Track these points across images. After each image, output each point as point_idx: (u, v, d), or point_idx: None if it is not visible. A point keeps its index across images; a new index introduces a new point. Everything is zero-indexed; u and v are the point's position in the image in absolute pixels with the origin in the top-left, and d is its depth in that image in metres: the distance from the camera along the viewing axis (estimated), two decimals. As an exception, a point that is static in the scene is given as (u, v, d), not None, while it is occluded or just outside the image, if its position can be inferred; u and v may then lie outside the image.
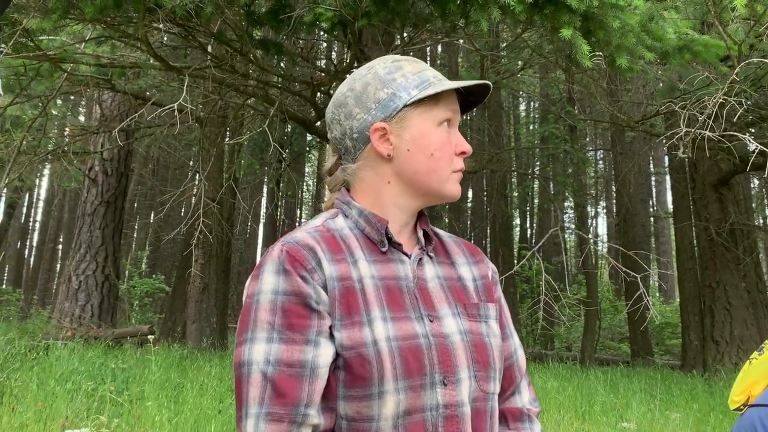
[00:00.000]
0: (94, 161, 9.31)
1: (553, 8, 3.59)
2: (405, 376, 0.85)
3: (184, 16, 4.08)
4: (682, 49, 4.45)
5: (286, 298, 0.85)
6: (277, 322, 0.84)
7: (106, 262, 9.24)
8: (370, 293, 0.89)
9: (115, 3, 3.75)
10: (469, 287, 1.01)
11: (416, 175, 0.95)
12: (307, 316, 0.85)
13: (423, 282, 0.95)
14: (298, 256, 0.87)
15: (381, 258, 0.94)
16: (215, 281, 8.38)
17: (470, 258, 1.06)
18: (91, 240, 9.23)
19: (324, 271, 0.88)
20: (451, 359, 0.90)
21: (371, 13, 3.80)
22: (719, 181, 7.53)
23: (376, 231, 0.95)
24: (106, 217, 9.34)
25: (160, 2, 3.87)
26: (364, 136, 0.96)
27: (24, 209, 24.52)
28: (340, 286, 0.88)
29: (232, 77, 4.81)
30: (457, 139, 0.99)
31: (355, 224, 0.96)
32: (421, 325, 0.90)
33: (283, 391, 0.81)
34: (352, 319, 0.86)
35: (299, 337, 0.84)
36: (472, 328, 0.95)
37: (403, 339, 0.87)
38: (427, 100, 0.96)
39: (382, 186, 0.97)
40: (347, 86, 0.99)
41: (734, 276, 7.31)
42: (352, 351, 0.85)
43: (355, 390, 0.85)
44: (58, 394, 3.81)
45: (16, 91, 5.68)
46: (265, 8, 4.27)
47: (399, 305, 0.90)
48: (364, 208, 0.96)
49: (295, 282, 0.86)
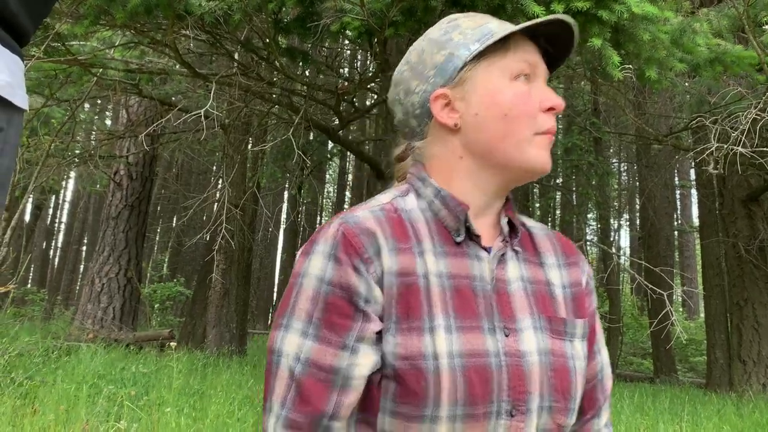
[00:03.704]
0: (120, 165, 9.44)
1: (583, 19, 3.55)
2: (465, 402, 0.72)
3: (213, 23, 4.12)
4: (714, 61, 4.37)
5: (331, 290, 0.74)
6: (316, 316, 0.74)
7: (128, 265, 9.34)
8: (435, 294, 0.75)
9: (145, 9, 3.79)
10: (557, 296, 0.84)
11: (489, 144, 0.80)
12: (350, 316, 0.74)
13: (503, 284, 0.80)
14: (355, 241, 0.75)
15: (454, 250, 0.79)
16: (236, 287, 8.41)
17: (562, 258, 0.89)
18: (115, 243, 9.34)
19: (383, 263, 0.75)
20: (524, 385, 0.76)
21: (398, 23, 3.79)
22: (749, 197, 7.37)
23: (454, 217, 0.80)
24: (129, 221, 9.44)
25: (190, 9, 3.91)
26: (426, 109, 0.83)
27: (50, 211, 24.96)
28: (399, 283, 0.75)
29: (257, 85, 4.83)
30: (541, 93, 0.81)
31: (428, 206, 0.82)
32: (494, 339, 0.76)
33: (308, 398, 0.72)
34: (411, 324, 0.73)
35: (336, 339, 0.73)
36: (555, 347, 0.80)
37: (469, 356, 0.74)
38: (492, 52, 0.80)
39: (454, 163, 0.83)
40: (403, 62, 0.88)
41: (763, 294, 7.14)
42: (407, 362, 0.72)
43: (406, 407, 0.72)
44: (80, 397, 3.83)
45: (46, 93, 5.78)
46: (293, 16, 4.29)
47: (469, 312, 0.76)
48: (441, 188, 0.82)
49: (345, 273, 0.74)
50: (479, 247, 0.80)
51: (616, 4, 3.45)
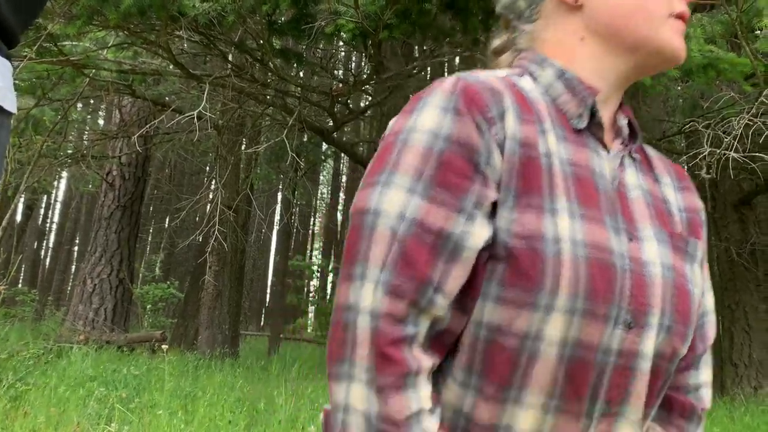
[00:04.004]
0: (112, 165, 9.39)
1: (577, 24, 3.56)
2: (587, 296, 0.62)
3: (206, 24, 4.10)
4: (707, 66, 4.39)
5: (448, 146, 0.63)
6: (427, 173, 0.62)
7: (120, 266, 9.29)
8: (557, 175, 0.65)
9: (138, 10, 3.78)
10: (674, 215, 0.74)
11: (618, 20, 0.70)
12: (469, 176, 0.63)
13: (623, 188, 0.70)
14: (478, 97, 0.65)
15: (574, 138, 0.69)
16: (229, 288, 8.38)
17: (676, 181, 0.79)
18: (107, 244, 9.29)
19: (506, 127, 0.65)
20: (646, 297, 0.65)
21: (393, 25, 3.79)
22: (740, 201, 7.42)
23: (579, 101, 0.70)
24: (122, 222, 9.39)
25: (183, 10, 3.89)
26: None
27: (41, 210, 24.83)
28: (521, 153, 0.65)
29: (251, 86, 4.82)
30: None
31: (545, 90, 0.72)
32: (618, 240, 0.65)
33: (413, 260, 0.61)
34: (530, 201, 0.63)
35: (451, 200, 0.62)
36: (676, 265, 0.69)
37: (593, 248, 0.63)
38: None
39: (574, 45, 0.73)
40: None
41: (754, 297, 7.18)
42: (524, 242, 0.62)
43: (515, 291, 0.62)
44: (71, 399, 3.81)
45: (38, 94, 5.74)
46: (287, 18, 4.28)
47: (592, 204, 0.66)
48: (565, 69, 0.72)
49: (466, 128, 0.63)
50: (599, 144, 0.71)
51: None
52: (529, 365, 0.62)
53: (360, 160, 7.53)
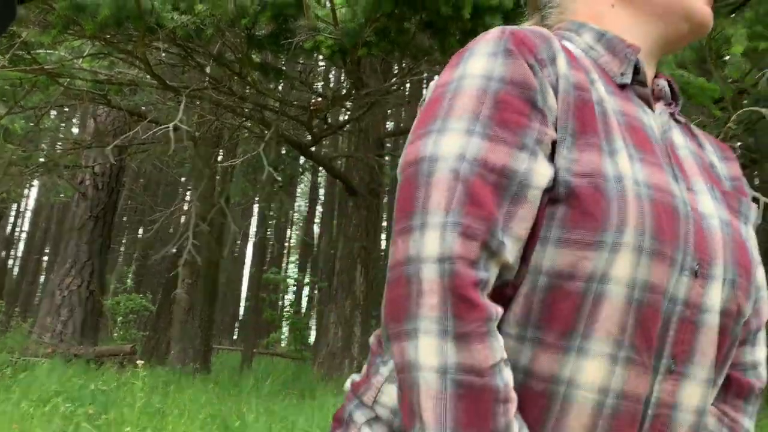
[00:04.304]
0: (85, 175, 9.24)
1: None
2: (654, 235, 0.58)
3: (185, 36, 4.08)
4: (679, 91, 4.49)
5: (503, 86, 0.60)
6: (485, 113, 0.59)
7: (91, 278, 9.11)
8: (612, 121, 0.63)
9: (116, 21, 3.75)
10: (723, 179, 0.73)
11: None
12: (527, 114, 0.60)
13: (672, 146, 0.69)
14: (527, 40, 0.63)
15: (620, 94, 0.68)
16: (201, 302, 8.27)
17: (719, 151, 0.78)
18: (78, 254, 9.11)
19: (558, 69, 0.63)
20: (708, 247, 0.62)
21: (372, 43, 3.82)
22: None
23: (621, 59, 0.69)
24: (94, 232, 9.23)
25: (161, 22, 3.87)
26: None
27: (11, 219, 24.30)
28: (576, 95, 0.63)
29: (229, 99, 4.80)
30: None
31: (586, 53, 0.70)
32: (678, 187, 0.63)
33: (480, 200, 0.56)
34: (588, 140, 0.61)
35: (512, 137, 0.59)
36: (733, 222, 0.67)
37: (656, 189, 0.60)
38: None
39: (605, 12, 0.72)
40: None
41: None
42: (586, 180, 0.59)
43: (580, 232, 0.58)
44: (35, 415, 3.71)
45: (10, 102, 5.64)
46: (266, 32, 4.28)
47: (649, 149, 0.64)
48: (606, 31, 0.71)
49: (519, 68, 0.61)
50: (643, 102, 0.69)
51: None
52: (595, 310, 0.57)
53: (338, 175, 7.52)
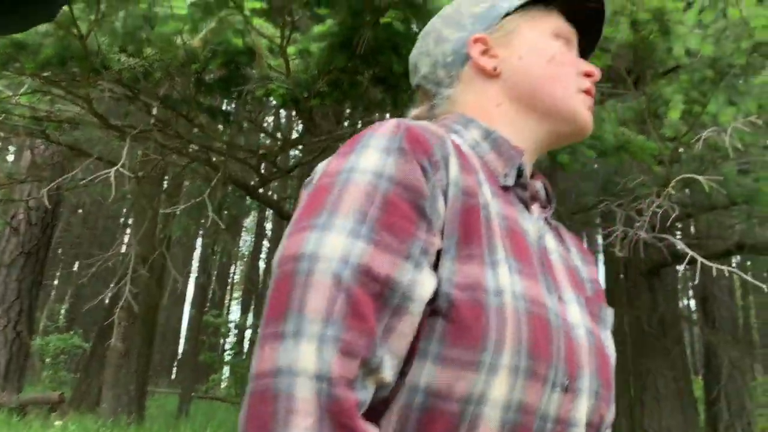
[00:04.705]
0: (18, 209, 8.82)
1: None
2: (530, 353, 0.58)
3: (131, 79, 3.98)
4: (620, 148, 4.66)
5: (394, 188, 0.57)
6: (372, 214, 0.56)
7: (19, 317, 8.60)
8: (495, 227, 0.63)
9: (59, 60, 3.62)
10: (585, 284, 0.75)
11: (535, 86, 0.73)
12: (415, 221, 0.57)
13: (545, 250, 0.69)
14: (422, 138, 0.61)
15: (503, 196, 0.68)
16: (138, 346, 7.91)
17: (580, 253, 0.81)
18: (6, 293, 8.61)
19: (450, 173, 0.62)
20: (577, 359, 0.62)
21: (325, 93, 3.81)
22: (650, 272, 7.81)
23: (506, 160, 0.69)
24: (25, 269, 8.76)
25: (107, 64, 3.76)
26: (460, 54, 0.76)
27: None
28: (464, 201, 0.61)
29: (175, 141, 4.69)
30: (579, 60, 0.77)
31: (472, 149, 0.70)
32: (550, 297, 0.63)
33: (362, 310, 0.52)
34: (471, 251, 0.59)
35: (398, 245, 0.56)
36: (595, 329, 0.68)
37: (532, 302, 0.60)
38: (536, 10, 0.76)
39: (492, 110, 0.74)
40: (435, 17, 0.81)
41: (663, 365, 7.49)
42: (466, 293, 0.57)
43: (459, 350, 0.56)
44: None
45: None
46: (216, 77, 4.22)
47: (526, 258, 0.64)
48: (492, 129, 0.71)
49: (411, 170, 0.59)
50: (522, 204, 0.70)
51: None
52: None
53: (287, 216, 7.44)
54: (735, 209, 6.06)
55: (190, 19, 3.43)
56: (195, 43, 3.67)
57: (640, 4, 3.41)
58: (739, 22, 3.36)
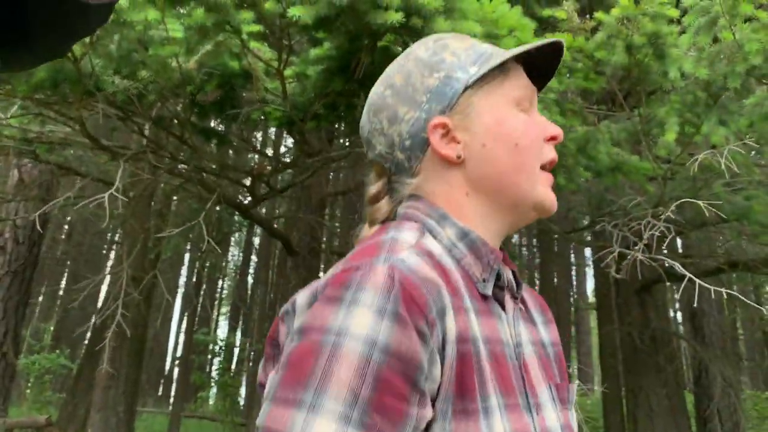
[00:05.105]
0: (5, 228, 8.68)
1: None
2: None
3: (125, 101, 3.94)
4: (615, 169, 4.69)
5: (388, 361, 0.54)
6: (364, 395, 0.53)
7: (5, 339, 8.45)
8: (485, 366, 0.62)
9: (51, 83, 3.58)
10: (551, 357, 0.77)
11: (501, 178, 0.71)
12: (407, 399, 0.55)
13: (521, 350, 0.70)
14: (418, 295, 0.57)
15: (483, 307, 0.66)
16: (127, 366, 7.78)
17: (542, 316, 0.81)
18: (-9, 313, 8.46)
19: (446, 326, 0.59)
20: None
21: (321, 116, 3.80)
22: (641, 288, 7.83)
23: (484, 265, 0.68)
24: (11, 289, 8.61)
25: (101, 86, 3.72)
26: (420, 139, 0.72)
27: None
28: (457, 354, 0.60)
29: (169, 163, 4.65)
30: (542, 120, 0.75)
31: (448, 251, 0.68)
32: (530, 418, 0.65)
33: None
34: (466, 406, 0.58)
35: (389, 428, 0.53)
36: (565, 420, 0.71)
37: None
38: (491, 77, 0.72)
39: (460, 200, 0.71)
40: (383, 85, 0.75)
41: (656, 382, 7.49)
42: None
43: None
44: None
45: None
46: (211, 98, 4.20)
47: (509, 387, 0.64)
48: (470, 229, 0.69)
49: (407, 339, 0.55)
50: (500, 306, 0.70)
51: (529, 115, 3.63)
52: None
53: (278, 235, 7.39)
54: (725, 226, 6.11)
55: (186, 42, 3.41)
56: (190, 65, 3.64)
57: (635, 28, 3.43)
58: (733, 46, 3.40)
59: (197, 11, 2.99)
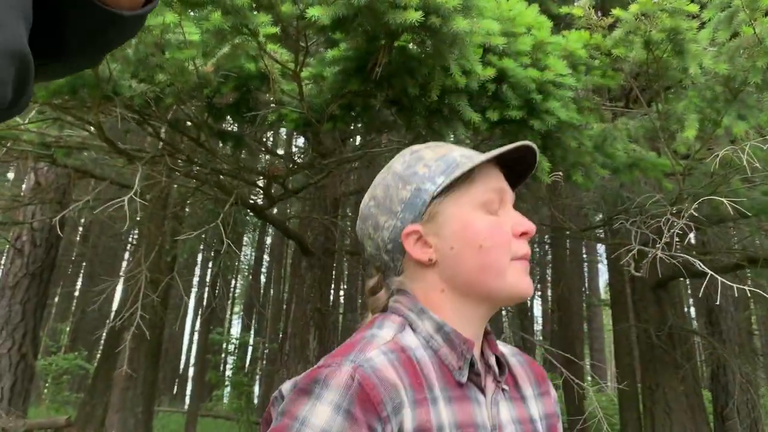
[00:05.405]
0: (22, 230, 8.76)
1: (516, 127, 3.68)
2: None
3: (142, 105, 3.96)
4: (632, 166, 4.64)
5: None
6: None
7: (24, 340, 8.53)
8: None
9: (70, 89, 3.60)
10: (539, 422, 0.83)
11: (469, 276, 0.78)
12: None
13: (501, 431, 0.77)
14: (374, 395, 0.66)
15: (458, 394, 0.74)
16: (144, 367, 7.84)
17: (536, 388, 0.88)
18: (10, 315, 8.55)
19: (403, 421, 0.67)
20: None
21: (337, 117, 3.79)
22: (657, 284, 7.77)
23: (459, 355, 0.75)
24: (29, 291, 8.69)
25: (119, 90, 3.75)
26: (398, 245, 0.81)
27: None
28: None
29: (186, 165, 4.67)
30: (512, 218, 0.81)
31: (426, 342, 0.76)
32: None
33: None
34: None
35: None
36: None
37: None
38: (458, 185, 0.80)
39: (437, 297, 0.80)
40: (369, 196, 0.86)
41: (673, 379, 7.43)
42: None
43: None
44: None
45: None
46: (227, 101, 4.21)
47: None
48: (444, 323, 0.77)
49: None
50: (477, 389, 0.77)
51: (546, 114, 3.60)
52: None
53: (292, 236, 7.41)
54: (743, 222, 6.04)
55: (203, 45, 3.42)
56: (207, 68, 3.66)
57: (653, 24, 3.40)
58: (753, 40, 3.35)
59: (214, 15, 2.99)
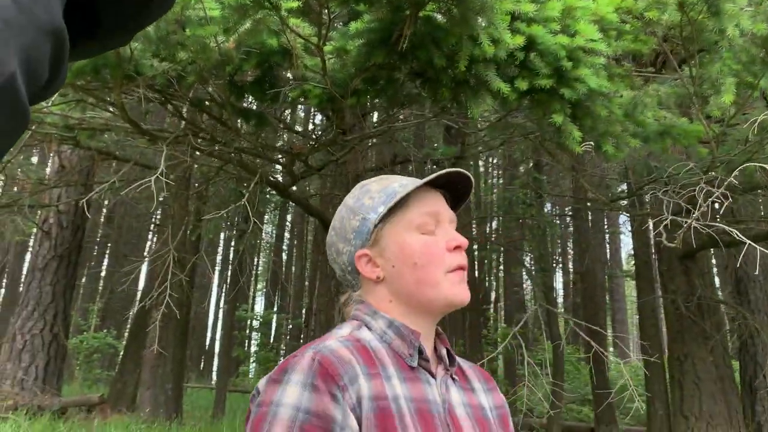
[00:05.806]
0: (49, 213, 8.87)
1: (545, 96, 3.58)
2: None
3: (164, 84, 3.93)
4: (663, 134, 4.52)
5: (308, 418, 0.75)
6: None
7: (55, 320, 8.70)
8: (406, 417, 0.80)
9: (92, 69, 3.57)
10: (490, 418, 0.95)
11: (409, 289, 0.92)
12: None
13: (451, 408, 0.88)
14: (331, 369, 0.78)
15: (410, 376, 0.86)
16: (173, 345, 7.95)
17: (484, 384, 1.02)
18: (41, 296, 8.70)
19: (359, 389, 0.79)
20: None
21: (361, 91, 3.72)
22: (685, 255, 7.64)
23: (408, 344, 0.89)
24: (58, 273, 8.83)
25: (141, 70, 3.71)
26: (354, 266, 0.96)
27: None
28: (375, 407, 0.79)
29: (209, 145, 4.64)
30: (446, 234, 0.94)
31: (380, 337, 0.90)
32: None
33: None
34: None
35: None
36: None
37: None
38: (395, 212, 0.94)
39: (387, 306, 0.94)
40: (331, 227, 1.00)
41: (702, 349, 7.35)
42: None
43: None
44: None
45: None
46: (250, 78, 4.16)
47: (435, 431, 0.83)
48: (394, 319, 0.91)
49: (322, 401, 0.76)
50: (428, 373, 0.89)
51: (576, 83, 3.50)
52: None
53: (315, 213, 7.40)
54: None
55: (224, 21, 3.36)
56: (229, 44, 3.60)
57: (688, -15, 3.26)
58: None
59: (236, -11, 2.93)
